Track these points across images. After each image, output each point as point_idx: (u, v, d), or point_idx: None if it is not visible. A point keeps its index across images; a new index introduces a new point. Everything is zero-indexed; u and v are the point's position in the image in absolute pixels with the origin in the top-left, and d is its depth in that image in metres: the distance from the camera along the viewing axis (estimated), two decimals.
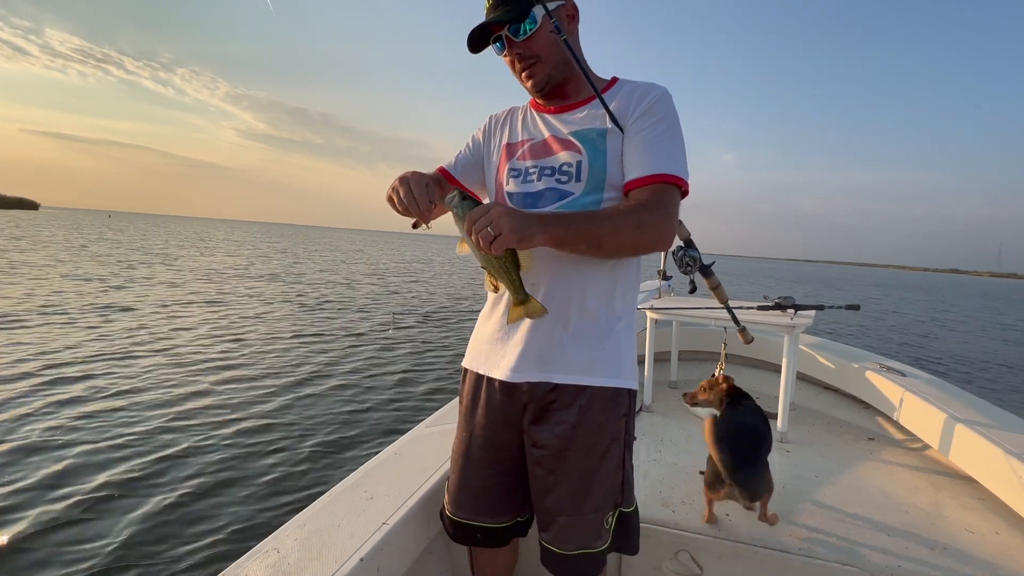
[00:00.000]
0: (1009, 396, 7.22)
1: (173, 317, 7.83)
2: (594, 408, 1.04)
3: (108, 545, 2.43)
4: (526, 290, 0.94)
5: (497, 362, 1.10)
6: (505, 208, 0.83)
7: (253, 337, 6.85)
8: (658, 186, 0.98)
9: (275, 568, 0.96)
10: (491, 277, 0.97)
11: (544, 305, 0.96)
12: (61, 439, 3.44)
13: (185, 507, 2.77)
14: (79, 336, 6.18)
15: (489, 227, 0.80)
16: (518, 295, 0.93)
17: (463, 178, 1.20)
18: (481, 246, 0.82)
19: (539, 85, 1.07)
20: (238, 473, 3.17)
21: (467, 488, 1.14)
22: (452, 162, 1.22)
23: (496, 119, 1.22)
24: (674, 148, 1.00)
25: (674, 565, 1.43)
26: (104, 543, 2.44)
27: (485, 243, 0.81)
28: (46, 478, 2.96)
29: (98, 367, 5.03)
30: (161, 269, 14.75)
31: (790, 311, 2.37)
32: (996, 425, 1.82)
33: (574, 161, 1.04)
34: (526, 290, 0.94)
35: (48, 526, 2.54)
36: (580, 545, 1.04)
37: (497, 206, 0.83)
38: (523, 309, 0.95)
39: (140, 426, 3.73)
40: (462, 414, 1.18)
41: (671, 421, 2.33)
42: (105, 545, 2.43)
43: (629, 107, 1.03)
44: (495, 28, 1.02)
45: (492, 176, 1.18)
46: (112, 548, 2.41)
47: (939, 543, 1.42)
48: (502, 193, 1.12)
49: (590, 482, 1.04)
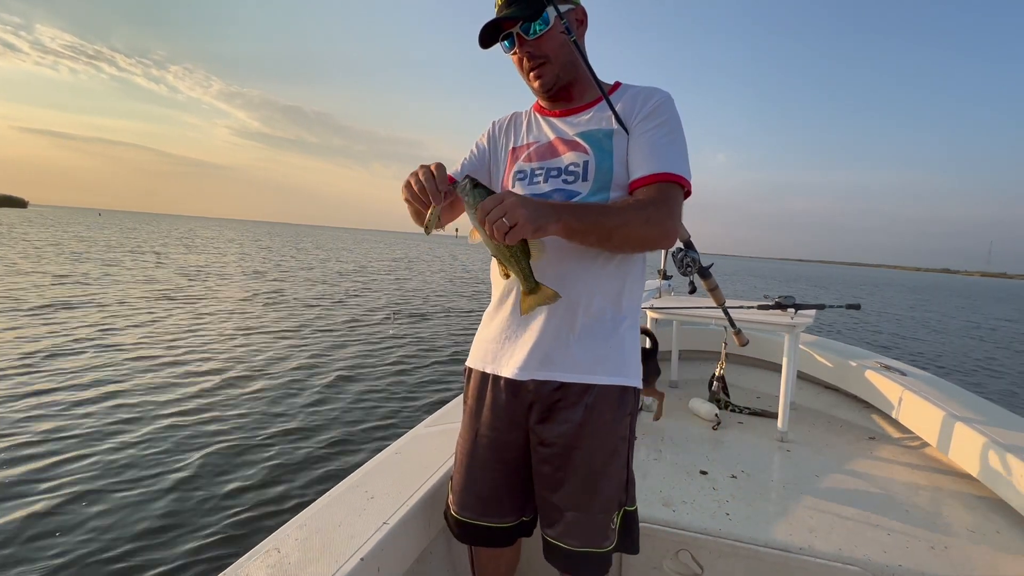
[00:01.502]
0: (1005, 395, 7.23)
1: (172, 316, 7.83)
2: (600, 407, 1.04)
3: (108, 545, 2.43)
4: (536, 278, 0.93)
5: (503, 361, 1.10)
6: (519, 197, 0.83)
7: (253, 337, 6.86)
8: (662, 185, 0.99)
9: (276, 568, 0.95)
10: (502, 266, 0.96)
11: (541, 306, 0.96)
12: (57, 438, 3.44)
13: (185, 507, 2.77)
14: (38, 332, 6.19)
15: (504, 217, 0.80)
16: (528, 283, 0.93)
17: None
18: (495, 236, 0.81)
19: (546, 85, 1.08)
20: (238, 473, 3.17)
21: (473, 488, 1.14)
22: (457, 169, 1.23)
23: (499, 124, 1.24)
24: (677, 149, 1.02)
25: (674, 565, 1.44)
26: (103, 543, 2.44)
27: (499, 233, 0.80)
28: (46, 479, 2.96)
29: (40, 363, 5.03)
30: (150, 265, 14.77)
31: (790, 310, 2.37)
32: (997, 424, 1.82)
33: (580, 161, 1.06)
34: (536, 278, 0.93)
35: (47, 527, 2.54)
36: (586, 543, 1.04)
37: (511, 195, 0.83)
38: (535, 298, 0.95)
39: (139, 426, 3.73)
40: (467, 414, 1.18)
41: (672, 421, 2.33)
42: (105, 545, 2.43)
43: (634, 109, 1.05)
44: (507, 25, 1.03)
45: (499, 180, 1.19)
46: (112, 548, 2.41)
47: (940, 542, 1.42)
48: None
49: (597, 481, 1.04)
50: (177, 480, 3.03)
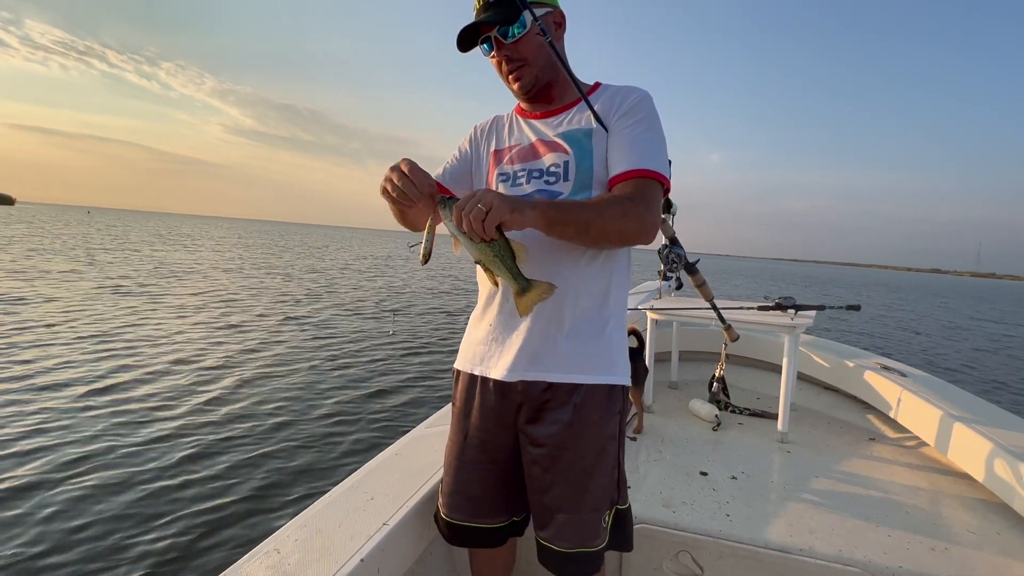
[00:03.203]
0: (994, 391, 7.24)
1: (177, 318, 7.83)
2: (589, 406, 1.05)
3: (108, 545, 2.43)
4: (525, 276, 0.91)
5: (491, 362, 1.10)
6: (491, 189, 0.85)
7: (252, 336, 6.86)
8: (640, 180, 1.00)
9: (276, 568, 0.95)
10: (489, 272, 0.93)
11: (538, 304, 0.93)
12: (52, 438, 3.44)
13: (185, 507, 2.77)
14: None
15: (479, 203, 0.80)
16: (518, 282, 0.91)
17: (452, 188, 1.22)
18: (474, 227, 0.81)
19: (525, 88, 1.09)
20: (238, 473, 3.17)
21: (463, 490, 1.14)
22: (440, 173, 1.23)
23: (481, 128, 1.24)
24: (655, 146, 1.03)
25: (674, 565, 1.44)
26: (103, 543, 2.44)
27: (477, 221, 0.80)
28: (43, 480, 2.96)
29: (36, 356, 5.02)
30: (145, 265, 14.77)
31: (790, 311, 2.37)
32: (996, 425, 1.82)
33: (561, 162, 1.06)
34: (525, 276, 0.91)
35: (47, 526, 2.54)
36: (578, 543, 1.04)
37: (484, 190, 0.84)
38: (531, 295, 0.92)
39: (138, 427, 3.73)
40: (455, 416, 1.18)
41: (671, 421, 2.33)
42: (105, 545, 2.43)
43: (612, 107, 1.06)
44: (484, 29, 1.04)
45: (481, 184, 1.20)
46: (111, 548, 2.41)
47: (940, 543, 1.42)
48: None
49: (587, 480, 1.05)
50: (177, 481, 3.03)
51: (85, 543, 2.44)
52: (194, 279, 12.92)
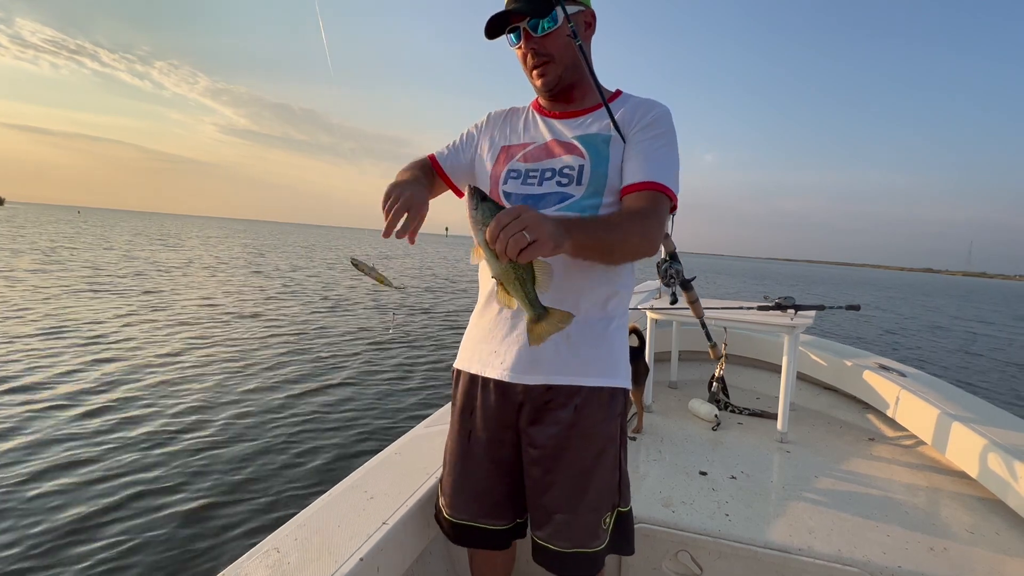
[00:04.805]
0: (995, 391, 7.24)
1: (174, 321, 7.82)
2: (589, 408, 1.05)
3: (107, 546, 2.42)
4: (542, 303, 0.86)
5: (492, 363, 1.10)
6: (538, 213, 0.76)
7: (251, 336, 6.86)
8: (652, 193, 1.00)
9: (275, 568, 0.95)
10: (505, 292, 0.87)
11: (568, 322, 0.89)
12: (49, 439, 3.44)
13: (184, 507, 2.76)
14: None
15: (525, 231, 0.72)
16: (535, 309, 0.85)
17: (452, 170, 1.21)
18: (508, 253, 0.73)
19: (549, 84, 1.09)
20: (237, 473, 3.16)
21: (466, 490, 1.14)
22: (443, 152, 1.22)
23: (496, 117, 1.23)
24: (670, 162, 1.04)
25: (674, 565, 1.44)
26: (102, 544, 2.44)
27: (514, 250, 0.72)
28: (43, 480, 2.95)
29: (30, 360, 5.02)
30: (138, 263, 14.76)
31: (790, 311, 2.37)
32: (996, 425, 1.82)
33: (576, 165, 1.06)
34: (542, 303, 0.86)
35: (46, 526, 2.54)
36: (576, 544, 1.04)
37: (528, 210, 0.75)
38: (547, 324, 0.86)
39: (137, 427, 3.73)
40: (456, 416, 1.18)
41: (671, 421, 2.33)
42: (104, 546, 2.42)
43: (633, 119, 1.06)
44: (515, 18, 1.04)
45: (486, 173, 1.17)
46: (111, 549, 2.41)
47: (939, 543, 1.42)
48: (498, 192, 1.12)
49: (586, 482, 1.04)
50: (175, 481, 3.02)
51: (84, 543, 2.44)
52: (184, 278, 12.91)
